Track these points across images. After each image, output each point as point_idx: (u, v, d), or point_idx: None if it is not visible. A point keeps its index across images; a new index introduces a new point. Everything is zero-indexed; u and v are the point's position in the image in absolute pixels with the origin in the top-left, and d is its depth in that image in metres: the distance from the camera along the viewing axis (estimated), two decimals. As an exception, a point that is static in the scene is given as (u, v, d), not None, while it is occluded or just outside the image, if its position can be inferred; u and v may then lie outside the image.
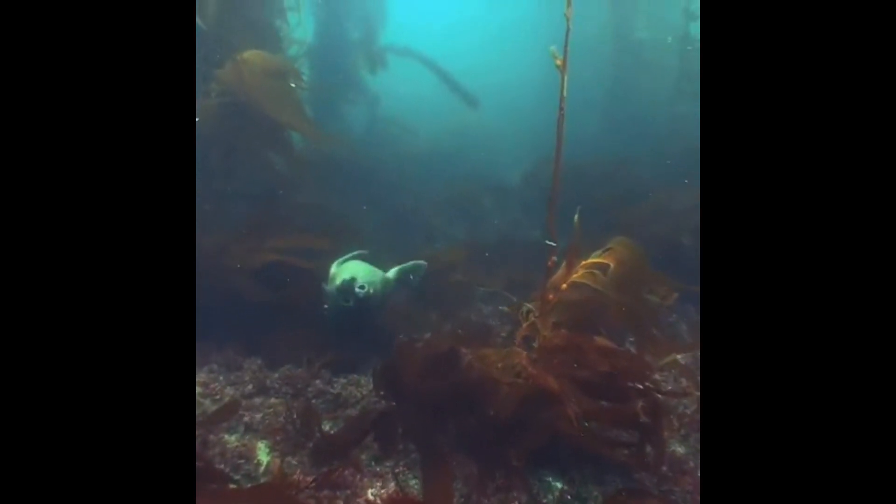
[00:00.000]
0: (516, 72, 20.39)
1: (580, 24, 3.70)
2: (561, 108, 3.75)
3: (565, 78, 3.58)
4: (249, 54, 6.82)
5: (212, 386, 4.62)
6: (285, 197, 7.40)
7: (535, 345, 4.21)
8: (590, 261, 4.48)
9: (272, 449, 3.92)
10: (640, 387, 3.78)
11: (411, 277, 5.67)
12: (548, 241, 3.95)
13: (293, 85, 7.21)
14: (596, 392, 3.78)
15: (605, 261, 4.55)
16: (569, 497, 3.62)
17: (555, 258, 4.22)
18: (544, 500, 3.56)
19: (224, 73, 6.66)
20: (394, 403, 4.26)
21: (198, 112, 6.61)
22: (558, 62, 3.56)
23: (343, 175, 9.27)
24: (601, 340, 3.87)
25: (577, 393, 3.85)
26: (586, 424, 3.77)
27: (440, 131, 14.55)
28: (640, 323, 4.37)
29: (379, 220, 9.71)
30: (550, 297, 4.10)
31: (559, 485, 3.71)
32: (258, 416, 4.25)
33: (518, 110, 16.11)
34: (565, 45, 3.57)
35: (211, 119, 6.56)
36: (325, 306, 5.23)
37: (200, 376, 4.77)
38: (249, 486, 3.59)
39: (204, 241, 5.89)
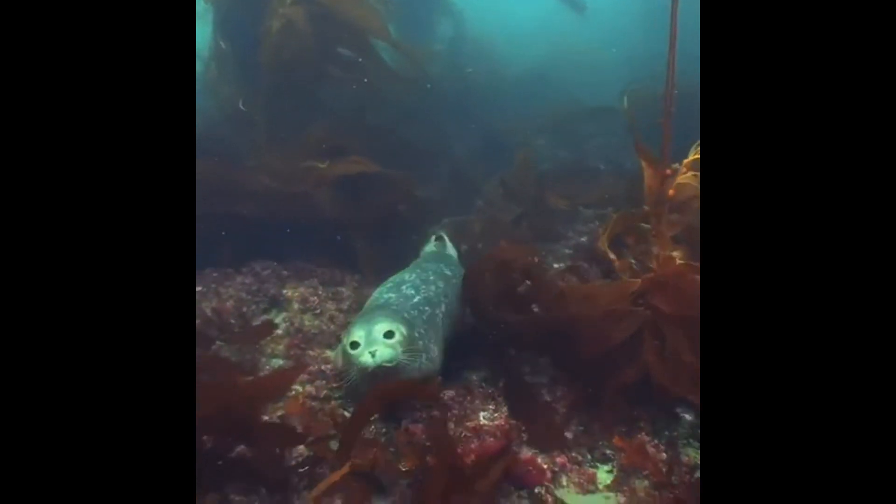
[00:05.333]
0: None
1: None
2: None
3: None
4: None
5: (311, 300, 4.46)
6: (375, 113, 7.00)
7: (654, 266, 3.65)
8: (693, 157, 3.80)
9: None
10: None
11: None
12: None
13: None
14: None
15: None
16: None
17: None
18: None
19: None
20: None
21: (276, 22, 6.25)
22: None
23: (433, 94, 8.75)
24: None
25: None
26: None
27: (542, 53, 13.60)
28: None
29: (471, 143, 9.27)
30: (672, 192, 3.46)
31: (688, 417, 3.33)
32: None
33: (623, 31, 14.91)
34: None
35: (288, 26, 6.13)
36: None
37: (300, 290, 4.61)
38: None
39: (287, 165, 5.65)
